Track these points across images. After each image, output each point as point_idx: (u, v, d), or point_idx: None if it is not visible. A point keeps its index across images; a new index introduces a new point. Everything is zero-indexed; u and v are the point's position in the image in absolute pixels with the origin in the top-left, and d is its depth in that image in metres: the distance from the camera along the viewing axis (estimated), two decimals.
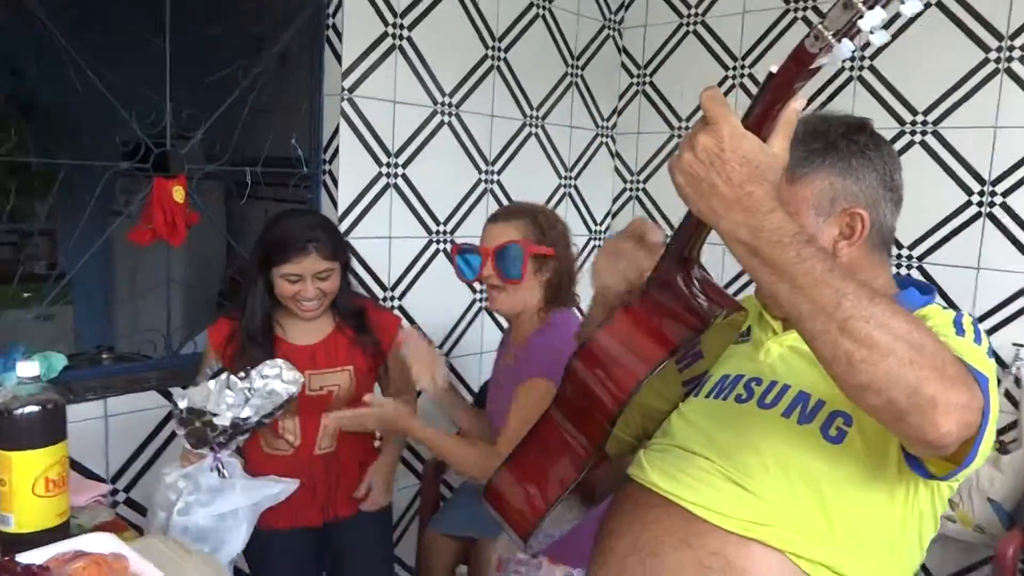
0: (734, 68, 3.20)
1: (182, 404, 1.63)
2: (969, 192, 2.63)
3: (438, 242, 2.90)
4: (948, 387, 0.79)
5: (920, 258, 2.74)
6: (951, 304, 2.59)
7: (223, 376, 1.64)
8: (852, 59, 2.87)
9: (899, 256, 2.77)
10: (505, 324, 2.07)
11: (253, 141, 2.55)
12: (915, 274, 2.74)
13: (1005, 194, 2.56)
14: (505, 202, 3.10)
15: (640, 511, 1.06)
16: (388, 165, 2.69)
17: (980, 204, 2.61)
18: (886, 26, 0.74)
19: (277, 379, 1.64)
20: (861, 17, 0.72)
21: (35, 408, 1.25)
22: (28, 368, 1.27)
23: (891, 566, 1.01)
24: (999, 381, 1.84)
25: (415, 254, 2.83)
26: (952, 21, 2.63)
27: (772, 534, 0.98)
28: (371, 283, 2.69)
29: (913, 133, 2.75)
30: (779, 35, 3.06)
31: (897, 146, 2.79)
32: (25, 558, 1.03)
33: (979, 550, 2.57)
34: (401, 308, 2.79)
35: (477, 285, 3.03)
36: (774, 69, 0.78)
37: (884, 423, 0.83)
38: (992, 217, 2.58)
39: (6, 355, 2.06)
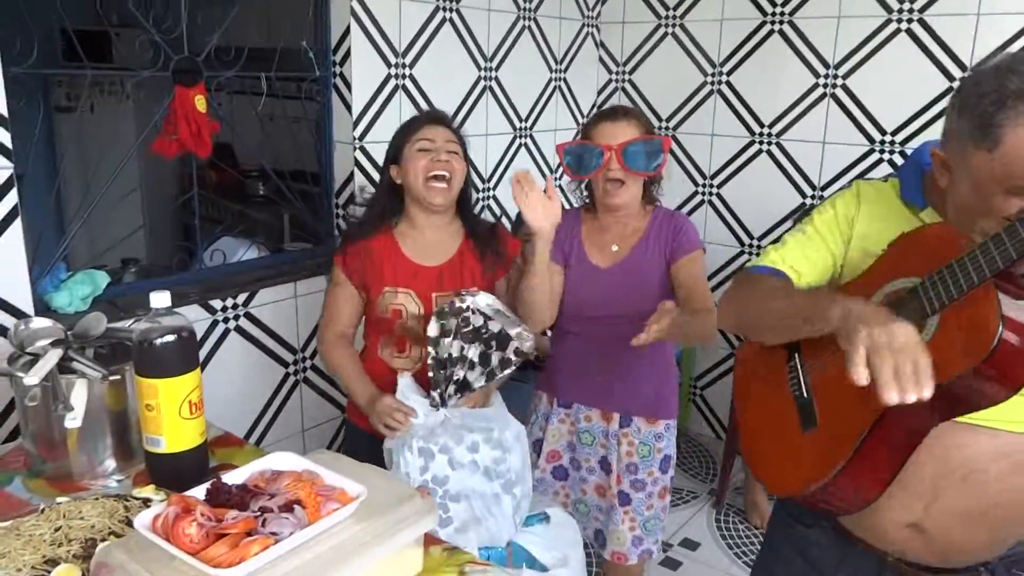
0: None
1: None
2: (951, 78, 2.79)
3: None
4: None
5: None
6: None
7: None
8: None
9: None
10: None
11: (260, 46, 2.47)
12: None
13: None
14: (504, 100, 3.12)
15: (928, 438, 1.13)
16: (396, 66, 2.66)
17: None
18: None
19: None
20: None
21: (172, 337, 1.30)
22: (161, 298, 1.31)
23: None
24: None
25: None
26: None
27: None
28: None
29: (899, 21, 2.87)
30: None
31: (882, 36, 2.91)
32: (227, 480, 1.11)
33: None
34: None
35: (480, 184, 3.09)
36: None
37: None
38: None
39: (51, 274, 2.05)
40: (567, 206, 1.99)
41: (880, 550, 1.27)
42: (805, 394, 1.21)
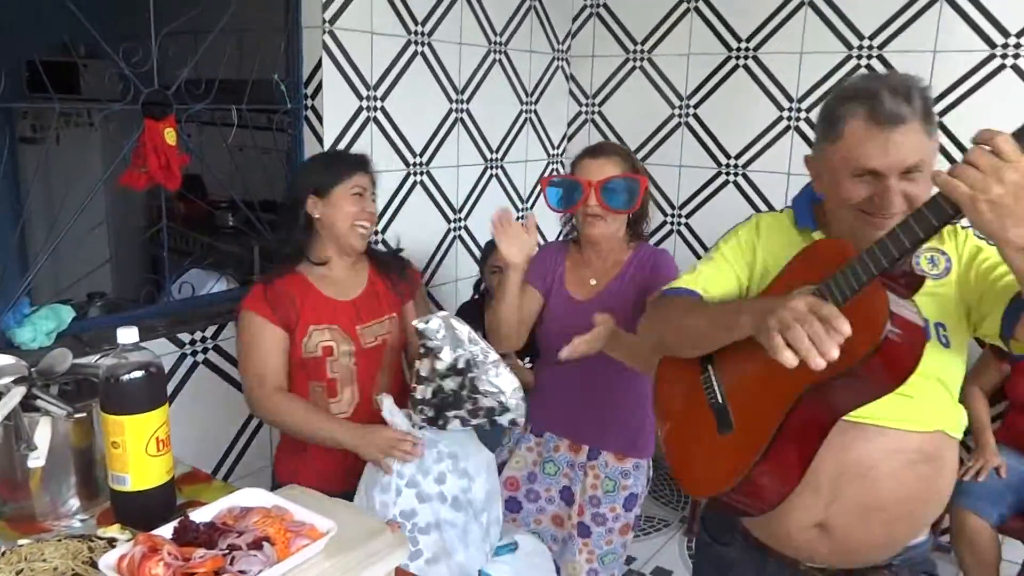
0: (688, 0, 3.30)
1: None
2: None
3: (415, 174, 2.93)
4: None
5: None
6: None
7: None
8: None
9: None
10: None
11: (230, 78, 2.47)
12: None
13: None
14: (475, 132, 3.15)
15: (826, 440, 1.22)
16: (368, 99, 2.68)
17: None
18: None
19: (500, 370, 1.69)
20: None
21: (140, 373, 1.28)
22: (129, 334, 1.30)
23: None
24: None
25: (394, 187, 2.86)
26: None
27: (937, 424, 1.24)
28: None
29: (860, 57, 2.96)
30: None
31: (843, 71, 3.00)
32: (195, 518, 1.09)
33: None
34: (383, 242, 2.83)
35: (451, 215, 3.11)
36: None
37: None
38: None
39: (15, 309, 2.01)
40: (542, 241, 2.04)
41: (792, 558, 1.34)
42: (720, 400, 1.29)
